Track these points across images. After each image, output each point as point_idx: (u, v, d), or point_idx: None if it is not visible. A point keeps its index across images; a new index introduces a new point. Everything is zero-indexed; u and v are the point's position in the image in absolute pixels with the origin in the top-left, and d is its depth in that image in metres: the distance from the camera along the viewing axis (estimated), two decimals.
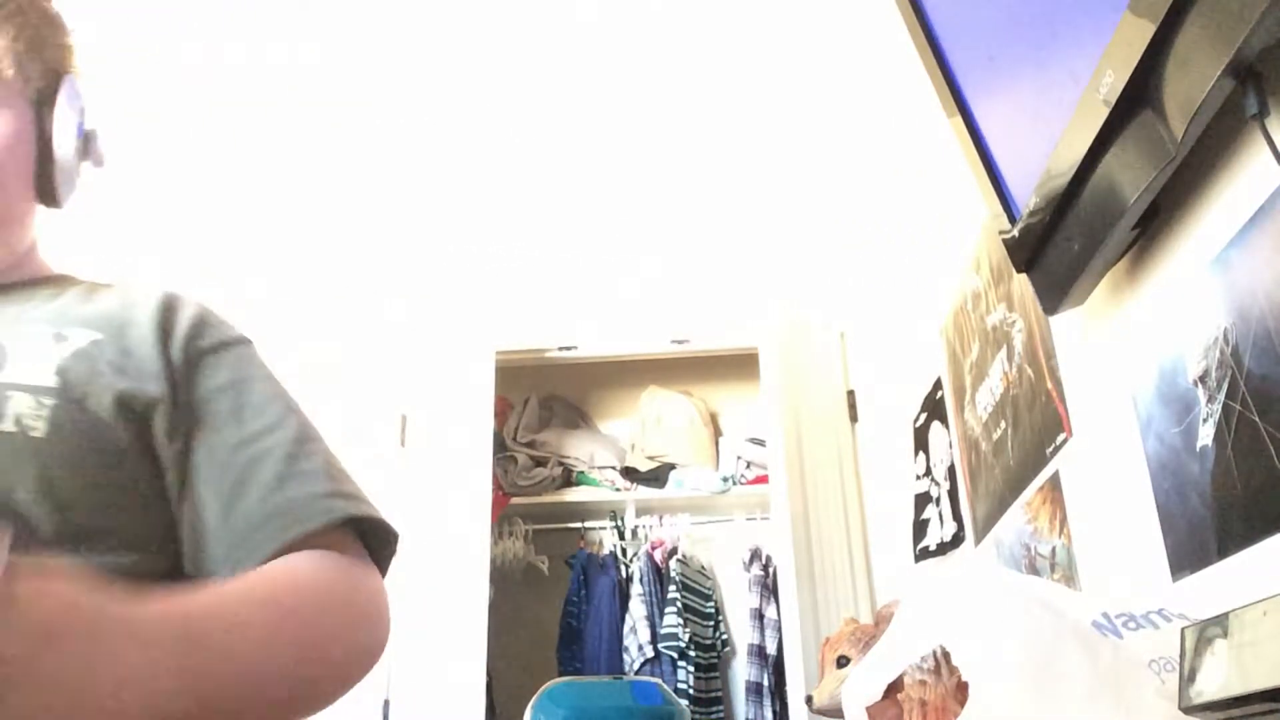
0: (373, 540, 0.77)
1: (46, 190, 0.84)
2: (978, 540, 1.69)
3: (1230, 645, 0.59)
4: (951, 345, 1.83)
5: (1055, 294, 1.11)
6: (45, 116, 0.83)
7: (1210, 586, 0.91)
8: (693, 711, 2.93)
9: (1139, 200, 0.90)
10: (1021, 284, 1.40)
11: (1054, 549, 1.34)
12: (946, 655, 0.95)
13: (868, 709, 0.96)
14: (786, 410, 2.80)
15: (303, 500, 0.73)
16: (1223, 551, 0.89)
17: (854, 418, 2.83)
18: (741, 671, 3.09)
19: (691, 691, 2.99)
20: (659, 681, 2.19)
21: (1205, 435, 0.91)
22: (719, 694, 3.16)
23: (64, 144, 0.83)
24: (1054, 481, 1.34)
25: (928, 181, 1.92)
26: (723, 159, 2.39)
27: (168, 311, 0.80)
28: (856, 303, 2.78)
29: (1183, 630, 0.64)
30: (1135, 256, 1.06)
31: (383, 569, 0.77)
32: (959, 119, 1.22)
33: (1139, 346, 1.06)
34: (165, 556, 0.73)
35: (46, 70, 0.84)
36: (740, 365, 3.14)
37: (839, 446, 2.79)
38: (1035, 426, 1.40)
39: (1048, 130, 1.00)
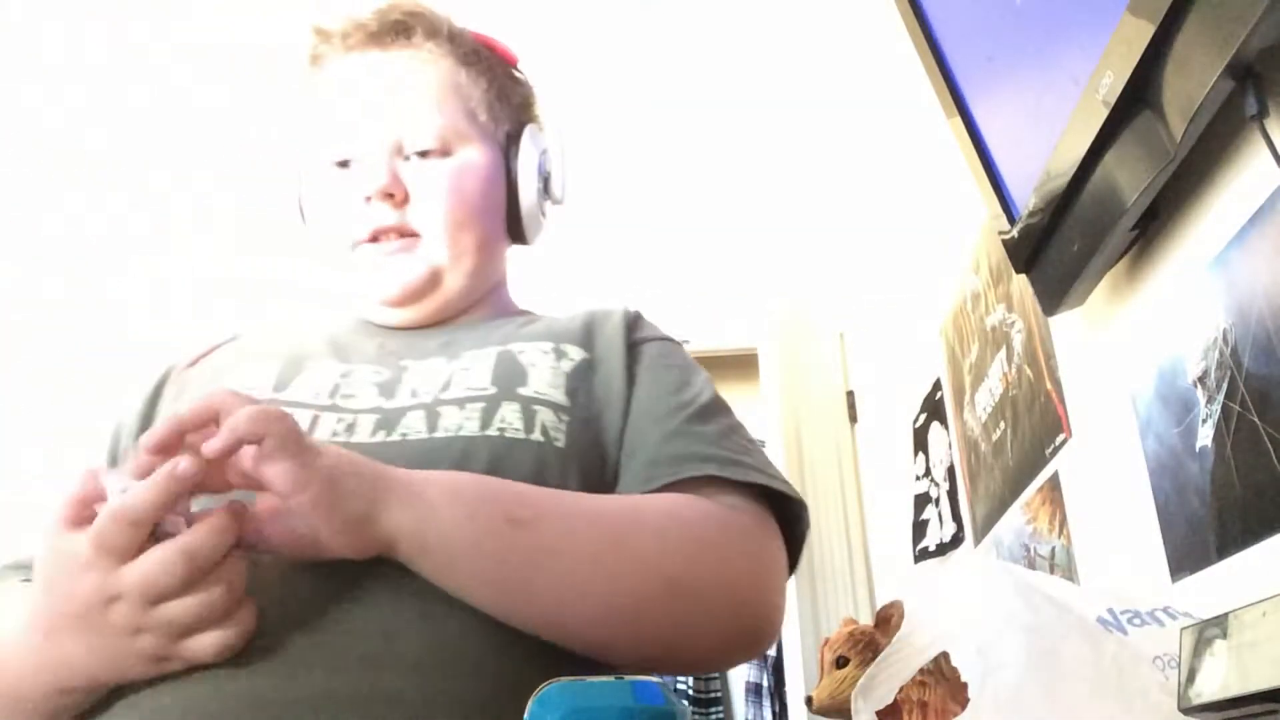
0: (786, 517, 0.77)
1: (515, 229, 0.93)
2: (977, 541, 1.69)
3: (1230, 646, 0.59)
4: (951, 346, 1.83)
5: (1054, 295, 1.11)
6: (512, 159, 0.91)
7: (1210, 587, 0.91)
8: (692, 712, 2.93)
9: (1138, 201, 0.90)
10: (1021, 285, 1.40)
11: (1053, 550, 1.34)
12: (946, 656, 0.95)
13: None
14: (786, 410, 2.80)
15: (683, 455, 0.75)
16: (1222, 552, 0.89)
17: (853, 418, 2.83)
18: (740, 672, 3.09)
19: (691, 692, 2.99)
20: (660, 681, 2.18)
21: (1204, 436, 0.91)
22: (718, 694, 3.16)
23: (528, 183, 0.92)
24: (1053, 482, 1.34)
25: (927, 182, 1.92)
26: (722, 158, 2.39)
27: (626, 315, 0.90)
28: (856, 303, 2.78)
29: (1181, 631, 0.64)
30: (1134, 257, 1.06)
31: (791, 546, 0.77)
32: (958, 119, 1.22)
33: (1138, 347, 1.06)
34: None
35: (512, 117, 0.93)
36: (740, 365, 3.13)
37: (839, 447, 2.79)
38: (1034, 427, 1.40)
39: (1047, 131, 1.00)
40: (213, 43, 1.93)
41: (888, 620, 1.51)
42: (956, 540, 1.81)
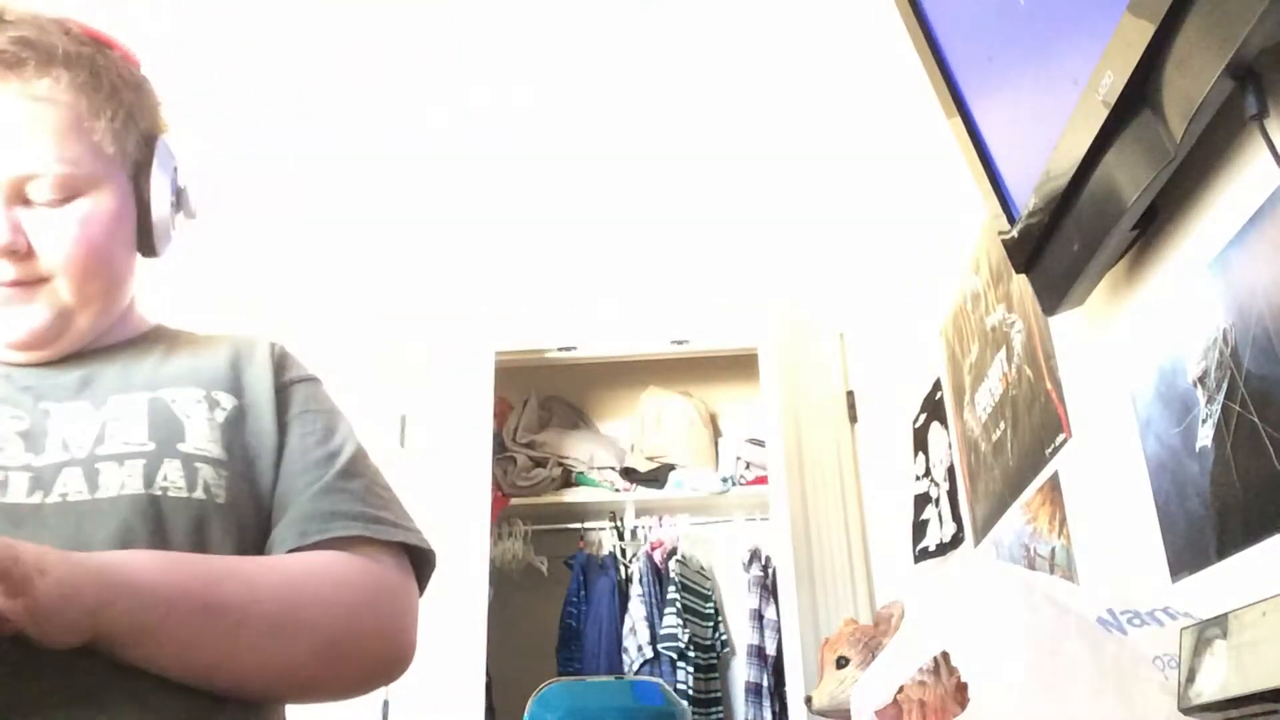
0: (417, 563, 0.87)
1: (146, 246, 0.91)
2: (977, 541, 1.69)
3: (1229, 646, 0.60)
4: (951, 346, 1.83)
5: (1054, 294, 1.11)
6: (143, 182, 0.89)
7: (1210, 587, 0.91)
8: (692, 712, 2.93)
9: (1138, 201, 0.90)
10: (1021, 285, 1.40)
11: (1053, 550, 1.34)
12: (946, 656, 0.95)
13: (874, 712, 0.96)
14: (786, 411, 2.80)
15: (333, 513, 0.82)
16: (1222, 552, 0.89)
17: (853, 418, 2.83)
18: (741, 672, 3.09)
19: (691, 692, 2.98)
20: (660, 681, 2.18)
21: (1204, 436, 0.91)
22: (718, 694, 3.16)
23: (160, 204, 0.90)
24: (1053, 482, 1.34)
25: (927, 182, 1.92)
26: (722, 159, 2.38)
27: (273, 354, 0.92)
28: (856, 303, 2.78)
29: (1181, 631, 0.64)
30: (1134, 257, 1.06)
31: (420, 585, 0.87)
32: (958, 120, 1.22)
33: (1138, 347, 1.06)
34: None
35: (141, 138, 0.90)
36: (740, 365, 3.13)
37: (838, 447, 2.79)
38: (1034, 427, 1.40)
39: (1047, 131, 1.00)
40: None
41: (888, 620, 1.51)
42: (956, 540, 1.81)
